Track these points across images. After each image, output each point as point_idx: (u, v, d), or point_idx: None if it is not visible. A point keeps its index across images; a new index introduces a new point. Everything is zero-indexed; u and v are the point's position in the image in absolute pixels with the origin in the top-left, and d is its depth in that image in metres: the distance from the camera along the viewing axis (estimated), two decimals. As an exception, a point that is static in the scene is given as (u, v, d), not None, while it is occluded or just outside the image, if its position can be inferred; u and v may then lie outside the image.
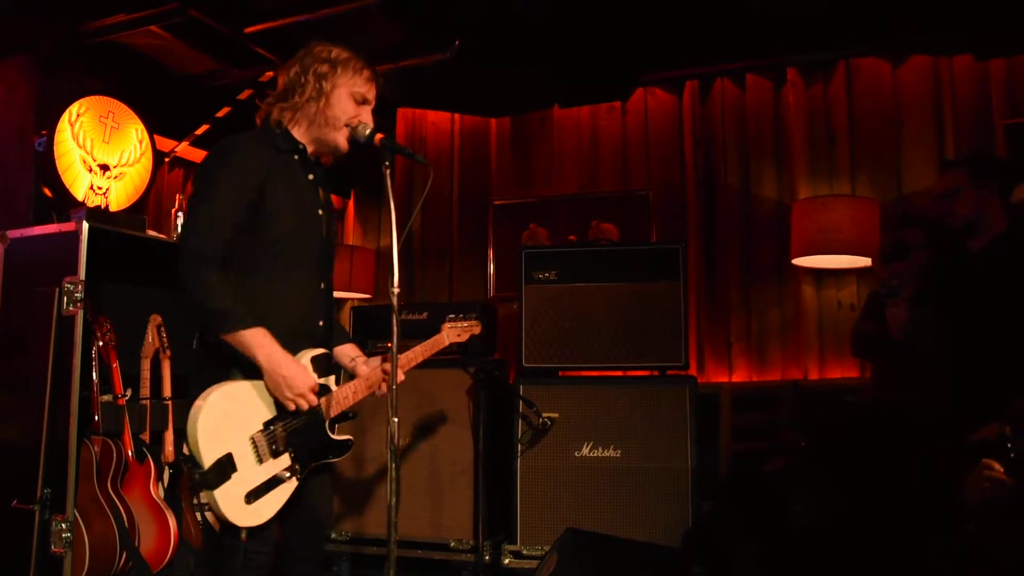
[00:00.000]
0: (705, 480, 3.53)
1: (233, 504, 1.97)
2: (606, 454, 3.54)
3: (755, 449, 3.72)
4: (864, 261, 4.02)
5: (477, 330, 2.82)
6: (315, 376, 2.14)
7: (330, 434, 2.20)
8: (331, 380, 2.23)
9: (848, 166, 4.36)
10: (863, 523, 2.38)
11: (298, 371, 2.05)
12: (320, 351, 2.20)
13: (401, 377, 2.28)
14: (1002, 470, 1.85)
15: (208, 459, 1.95)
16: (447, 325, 2.73)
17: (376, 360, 2.34)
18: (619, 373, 3.81)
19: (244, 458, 2.00)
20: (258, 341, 1.99)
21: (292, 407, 2.05)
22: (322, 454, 2.18)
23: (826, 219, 3.96)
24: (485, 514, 3.59)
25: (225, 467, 1.97)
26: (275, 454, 2.06)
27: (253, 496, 2.00)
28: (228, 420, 2.00)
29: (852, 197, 4.19)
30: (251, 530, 2.04)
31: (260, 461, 2.03)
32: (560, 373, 3.76)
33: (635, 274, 3.69)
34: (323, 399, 2.17)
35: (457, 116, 5.21)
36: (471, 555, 3.60)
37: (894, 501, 2.38)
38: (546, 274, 3.79)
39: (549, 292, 3.78)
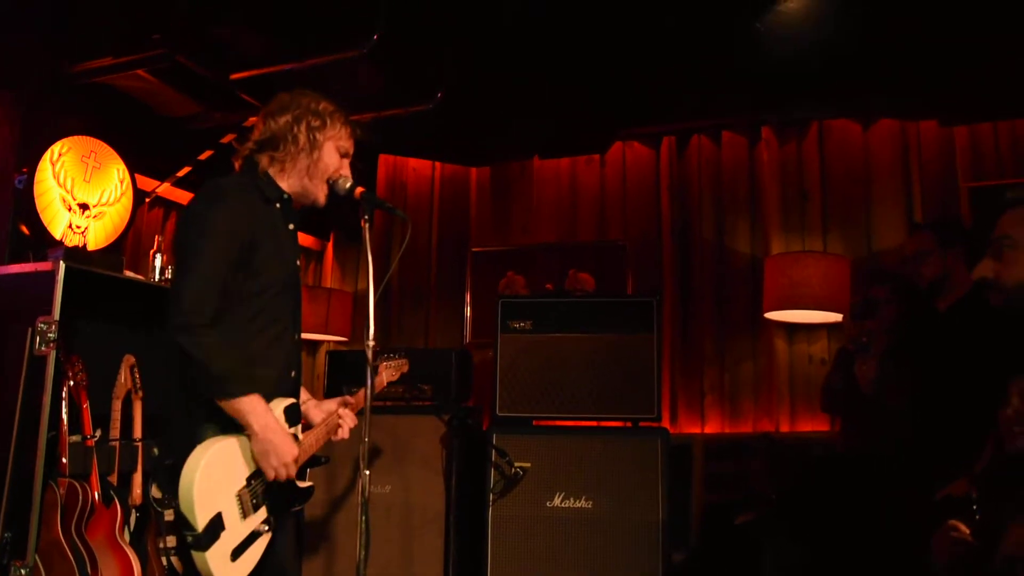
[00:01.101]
0: (676, 532, 3.53)
1: (222, 563, 1.95)
2: (578, 505, 3.54)
3: (727, 501, 3.74)
4: (835, 316, 4.09)
5: (405, 368, 3.02)
6: (296, 448, 2.13)
7: (297, 483, 2.20)
8: (298, 429, 2.24)
9: (820, 223, 4.46)
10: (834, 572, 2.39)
11: (287, 441, 2.05)
12: (290, 401, 2.20)
13: (353, 423, 2.31)
14: (968, 532, 1.88)
15: (202, 522, 1.92)
16: (383, 365, 2.91)
17: (330, 404, 2.36)
18: (592, 423, 3.82)
19: (231, 516, 1.99)
20: (253, 408, 1.99)
21: (271, 475, 2.03)
22: (290, 503, 2.18)
23: (798, 274, 4.04)
24: (455, 563, 3.56)
25: (216, 527, 1.95)
26: (255, 508, 2.06)
27: (237, 552, 1.99)
28: (218, 480, 1.99)
29: (823, 254, 4.28)
30: None
31: (243, 517, 2.02)
32: (534, 423, 3.77)
33: (610, 325, 3.73)
34: None
35: (438, 164, 5.28)
36: (440, 605, 3.56)
37: (862, 553, 2.41)
38: (522, 323, 3.82)
39: (524, 341, 3.80)
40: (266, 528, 2.06)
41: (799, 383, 4.36)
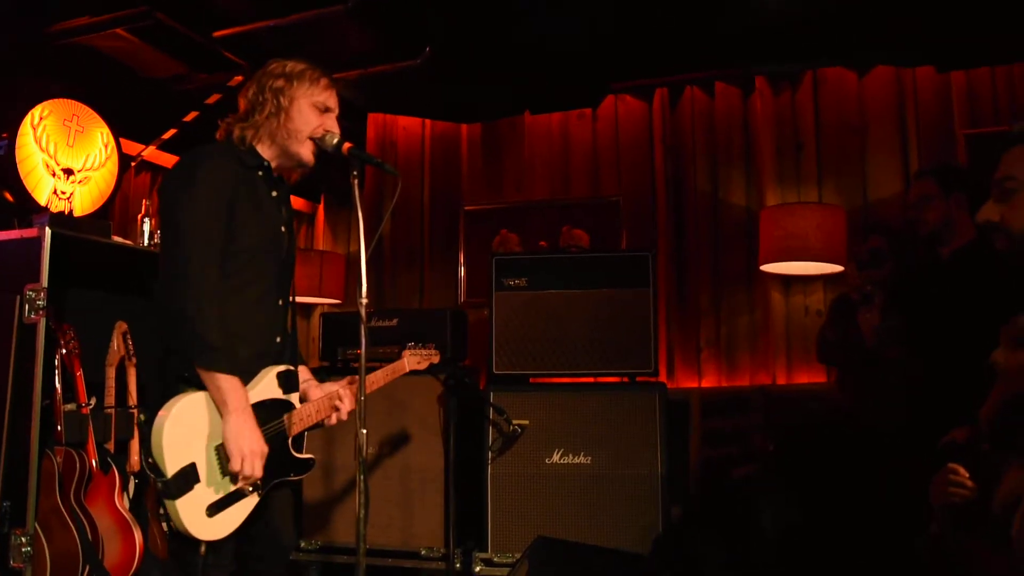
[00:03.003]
0: (675, 486, 3.55)
1: (194, 516, 1.94)
2: (576, 461, 3.55)
3: (725, 455, 3.76)
4: (831, 268, 4.07)
5: (436, 359, 2.90)
6: (278, 392, 2.12)
7: (293, 452, 2.18)
8: (295, 397, 2.21)
9: (815, 174, 4.42)
10: (829, 530, 2.40)
11: (258, 436, 2.01)
12: (285, 367, 2.18)
13: (351, 406, 2.27)
14: (967, 475, 1.88)
15: (172, 468, 1.91)
16: (408, 352, 2.80)
17: (330, 385, 2.31)
18: (589, 380, 3.82)
19: (207, 470, 1.98)
20: (231, 388, 1.96)
21: (236, 465, 1.97)
22: (284, 471, 2.16)
23: (793, 226, 4.01)
24: (455, 522, 3.58)
25: (188, 477, 1.93)
26: None
27: (214, 509, 1.97)
28: (193, 431, 1.97)
29: (819, 204, 4.25)
30: (210, 544, 2.01)
31: (223, 474, 2.00)
32: (531, 380, 3.76)
33: (605, 281, 3.71)
34: (286, 416, 2.15)
35: (428, 122, 5.21)
36: (442, 563, 3.58)
37: (859, 508, 2.42)
38: (517, 281, 3.79)
39: (520, 299, 3.78)
40: (250, 490, 2.04)
41: (796, 335, 4.36)
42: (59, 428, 2.75)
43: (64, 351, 2.82)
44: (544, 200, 4.90)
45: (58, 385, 2.78)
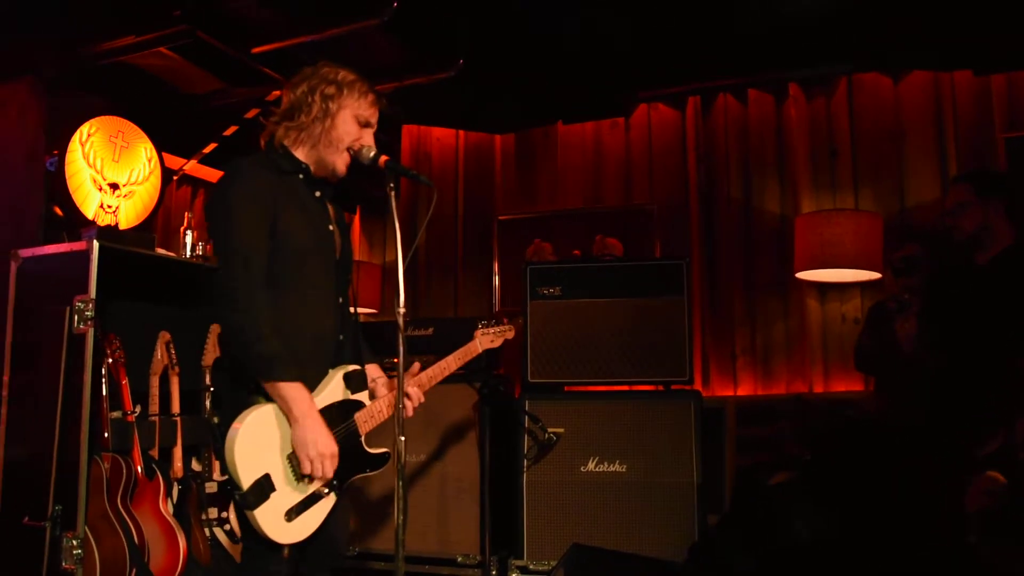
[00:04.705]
0: (711, 494, 3.54)
1: (274, 523, 1.99)
2: (612, 469, 3.56)
3: (759, 462, 3.73)
4: (868, 275, 4.04)
5: (511, 334, 2.75)
6: (346, 393, 2.16)
7: (366, 448, 2.22)
8: (364, 395, 2.25)
9: (851, 180, 4.39)
10: (863, 539, 2.38)
11: (326, 435, 2.05)
12: (353, 368, 2.22)
13: (420, 397, 2.30)
14: (1004, 481, 1.86)
15: (247, 481, 1.96)
16: (479, 332, 2.68)
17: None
18: (624, 388, 3.82)
19: (281, 478, 2.02)
20: (296, 396, 2.01)
21: (307, 468, 2.02)
22: (359, 468, 2.20)
23: (829, 233, 3.99)
24: (491, 529, 3.59)
25: (263, 488, 1.98)
26: None
27: (294, 513, 2.02)
28: (264, 442, 2.02)
29: (855, 211, 4.21)
30: (293, 547, 2.05)
31: (298, 480, 2.05)
32: (565, 388, 3.78)
33: (639, 289, 3.71)
34: (357, 414, 2.20)
35: (462, 132, 5.26)
36: (478, 570, 3.60)
37: (894, 517, 2.39)
38: (551, 290, 3.81)
39: (554, 308, 3.80)
40: (327, 491, 2.09)
41: (833, 343, 4.32)
42: (106, 435, 2.82)
43: (110, 360, 2.90)
44: (577, 209, 4.92)
45: (105, 393, 2.86)
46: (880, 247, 3.98)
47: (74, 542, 2.58)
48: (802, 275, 4.15)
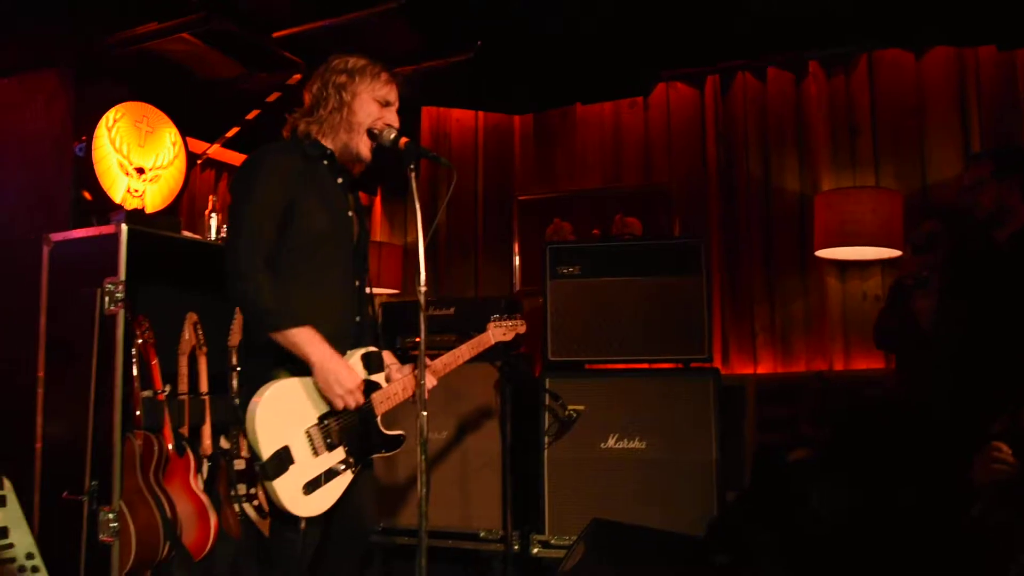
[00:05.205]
0: (730, 471, 3.57)
1: (292, 495, 2.05)
2: (631, 446, 3.60)
3: (778, 440, 3.76)
4: (889, 252, 4.02)
5: (522, 329, 2.86)
6: (363, 374, 2.22)
7: (382, 428, 2.28)
8: (380, 377, 2.31)
9: (871, 157, 4.36)
10: (879, 516, 2.41)
11: (347, 369, 2.12)
12: (370, 349, 2.29)
13: (433, 382, 2.36)
14: (1010, 451, 1.88)
15: (267, 451, 2.03)
16: (492, 324, 2.77)
17: (410, 367, 2.38)
18: (644, 366, 3.86)
19: (301, 451, 2.09)
20: (308, 338, 2.07)
21: (340, 404, 2.11)
22: (375, 448, 2.26)
23: (849, 211, 3.97)
24: (513, 505, 3.66)
25: (283, 459, 2.05)
26: (330, 447, 2.14)
27: (311, 487, 2.09)
28: (284, 415, 2.08)
29: (875, 189, 4.19)
30: (309, 520, 2.12)
31: (316, 454, 2.11)
32: (586, 366, 3.82)
33: (658, 268, 3.74)
34: (373, 395, 2.25)
35: (481, 114, 5.28)
36: (500, 545, 3.67)
37: (910, 495, 2.41)
38: (570, 269, 3.85)
39: (573, 287, 3.83)
40: (343, 468, 2.15)
41: (853, 321, 4.32)
42: (138, 413, 2.91)
43: (140, 341, 2.98)
44: (596, 189, 4.93)
45: (136, 373, 2.94)
46: (901, 225, 3.96)
47: (110, 515, 2.67)
48: (822, 253, 4.15)
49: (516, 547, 3.64)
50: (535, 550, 3.61)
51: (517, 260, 5.10)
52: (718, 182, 4.66)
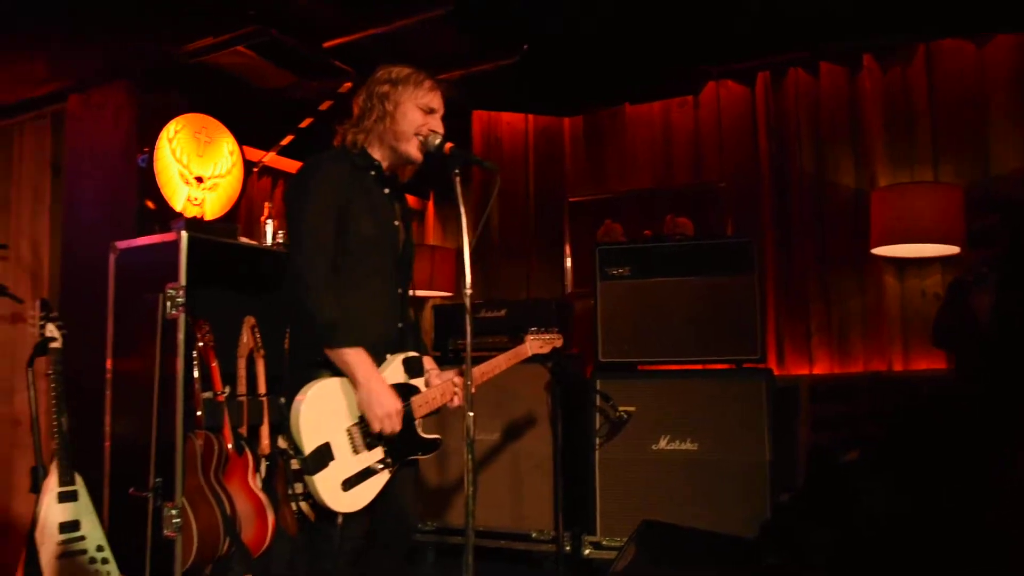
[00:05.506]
0: (783, 472, 3.52)
1: (331, 490, 2.12)
2: (683, 447, 3.58)
3: (833, 441, 3.69)
4: (948, 249, 3.92)
5: (559, 343, 2.89)
6: (404, 377, 2.28)
7: (420, 432, 2.33)
8: (420, 382, 2.36)
9: (930, 151, 4.25)
10: (934, 517, 2.35)
11: (389, 394, 2.18)
12: (411, 354, 2.34)
13: (471, 389, 2.39)
14: None
15: (308, 447, 2.11)
16: (530, 337, 2.82)
17: (449, 373, 2.43)
18: (695, 367, 3.83)
19: (341, 448, 2.16)
20: (358, 359, 2.15)
21: (376, 427, 2.16)
22: (412, 450, 2.31)
23: (907, 206, 3.88)
24: (564, 506, 3.67)
25: (323, 455, 2.12)
26: (369, 446, 2.20)
27: (349, 484, 2.15)
28: (326, 413, 2.16)
29: (934, 183, 4.09)
30: (347, 516, 2.18)
31: (355, 452, 2.17)
32: (638, 367, 3.81)
33: (709, 268, 3.72)
34: (412, 399, 2.31)
35: (531, 117, 5.31)
36: (552, 546, 3.69)
37: (964, 496, 2.35)
38: (620, 270, 3.85)
39: (624, 288, 3.84)
40: (381, 467, 2.20)
41: (912, 320, 4.21)
42: (199, 414, 3.01)
43: (201, 344, 3.08)
44: (647, 189, 4.92)
45: (196, 375, 3.04)
46: (961, 220, 3.85)
47: (173, 512, 2.78)
48: (879, 250, 4.06)
49: (567, 548, 3.66)
50: (586, 551, 3.62)
51: (569, 262, 5.11)
52: (771, 180, 4.60)
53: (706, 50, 4.35)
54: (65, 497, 2.76)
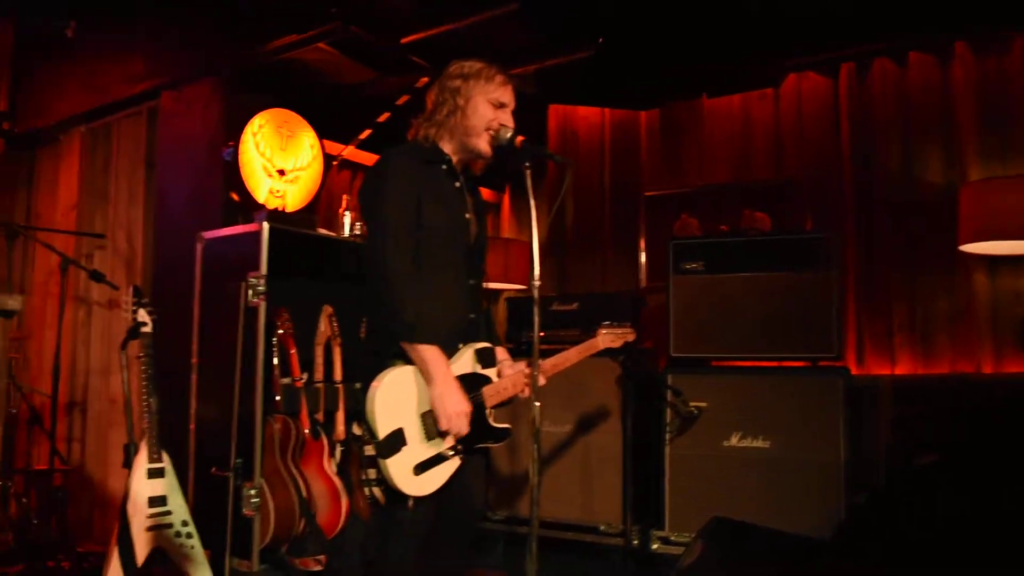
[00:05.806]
0: (861, 473, 3.43)
1: (403, 474, 2.18)
2: (755, 444, 3.53)
3: (913, 443, 3.57)
4: (1044, 247, 3.74)
5: (631, 337, 2.88)
6: (476, 368, 2.33)
7: (491, 421, 2.37)
8: (492, 372, 2.40)
9: (1025, 144, 4.05)
10: (1007, 523, 2.26)
11: (460, 395, 2.22)
12: (484, 345, 2.39)
13: (542, 381, 2.41)
14: None
15: (383, 431, 2.17)
16: (603, 331, 2.81)
17: (521, 364, 2.46)
18: (769, 364, 3.76)
19: (413, 434, 2.21)
20: (434, 357, 2.20)
21: (444, 425, 2.20)
22: (482, 438, 2.35)
23: (1000, 202, 3.71)
24: (633, 500, 3.67)
25: (396, 440, 2.18)
26: (441, 434, 2.25)
27: (420, 469, 2.21)
28: (400, 400, 2.22)
29: (1030, 177, 3.89)
30: (417, 500, 2.24)
31: (428, 438, 2.23)
32: (711, 363, 3.76)
33: (785, 263, 3.64)
34: (484, 389, 2.35)
35: (607, 110, 5.28)
36: (620, 539, 3.69)
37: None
38: (694, 264, 3.81)
39: (697, 282, 3.79)
40: (451, 454, 2.25)
41: (1004, 321, 4.02)
42: (277, 399, 3.12)
43: (281, 332, 3.18)
44: (725, 183, 4.84)
45: (276, 361, 3.15)
46: (1059, 216, 3.66)
47: (252, 491, 2.90)
48: (968, 248, 3.89)
49: (635, 542, 3.65)
50: (654, 546, 3.60)
51: (643, 256, 5.08)
52: (853, 174, 4.46)
53: (788, 40, 4.24)
54: (154, 473, 2.91)
